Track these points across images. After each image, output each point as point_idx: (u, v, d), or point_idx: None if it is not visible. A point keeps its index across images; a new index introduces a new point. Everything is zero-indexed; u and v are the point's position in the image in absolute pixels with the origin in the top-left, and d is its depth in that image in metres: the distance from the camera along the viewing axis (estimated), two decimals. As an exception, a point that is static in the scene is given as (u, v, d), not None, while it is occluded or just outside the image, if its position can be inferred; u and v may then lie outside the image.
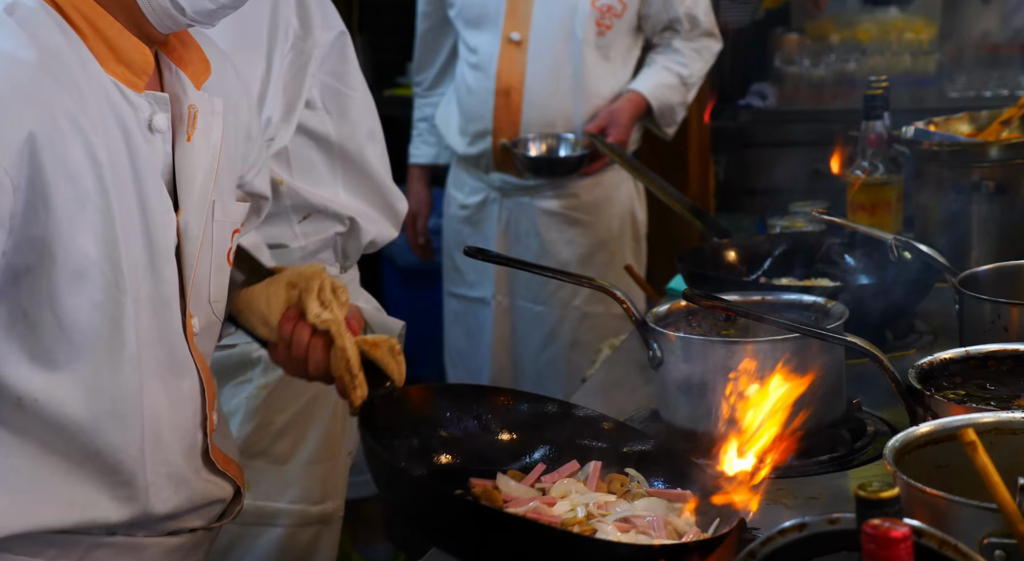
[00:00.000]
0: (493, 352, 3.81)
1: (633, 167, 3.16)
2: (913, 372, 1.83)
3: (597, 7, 3.57)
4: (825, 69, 4.60)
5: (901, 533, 1.08)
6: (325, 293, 1.89)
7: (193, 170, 1.80)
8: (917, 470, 1.48)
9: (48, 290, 1.64)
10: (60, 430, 1.69)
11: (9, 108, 1.57)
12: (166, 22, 1.71)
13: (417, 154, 4.03)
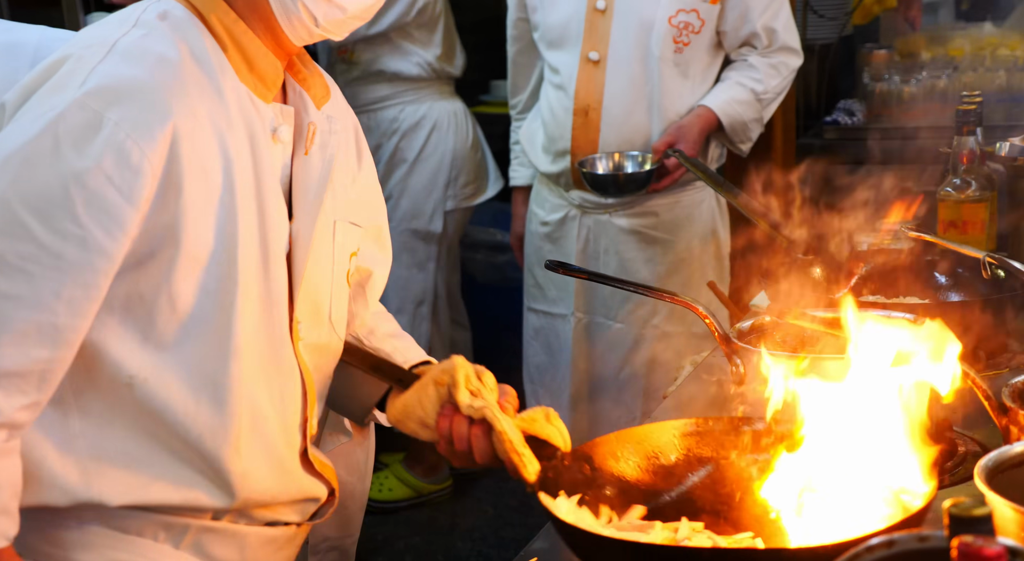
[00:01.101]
0: (573, 369, 3.80)
1: (716, 182, 3.14)
2: (1007, 390, 1.81)
3: (674, 24, 3.55)
4: (915, 85, 4.55)
5: (995, 551, 1.06)
6: (472, 382, 1.95)
7: (308, 182, 1.91)
8: (1011, 490, 1.45)
9: (167, 275, 1.73)
10: (164, 411, 1.77)
11: (156, 101, 1.69)
12: (301, 33, 1.82)
13: (516, 177, 4.06)
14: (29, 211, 1.64)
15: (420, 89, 4.69)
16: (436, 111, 4.72)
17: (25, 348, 1.65)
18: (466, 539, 4.61)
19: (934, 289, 2.57)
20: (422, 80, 4.68)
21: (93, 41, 1.74)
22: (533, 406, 3.83)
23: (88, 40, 1.76)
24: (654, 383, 3.65)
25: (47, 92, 1.70)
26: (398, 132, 4.70)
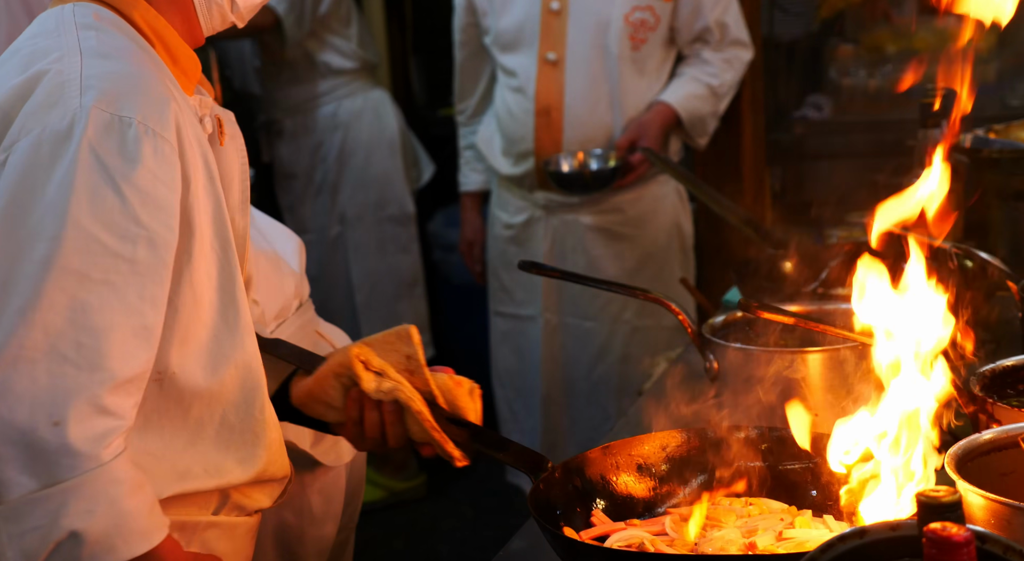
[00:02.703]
0: (543, 371, 3.81)
1: (685, 178, 3.17)
2: (975, 379, 1.82)
3: (630, 22, 3.58)
4: (881, 79, 4.58)
5: (964, 537, 1.08)
6: (374, 363, 1.91)
7: (231, 173, 1.91)
8: (980, 478, 1.47)
9: (188, 265, 1.75)
10: (191, 399, 1.79)
11: (154, 88, 1.72)
12: (215, 21, 1.83)
13: (467, 182, 4.08)
14: (97, 226, 1.65)
15: (352, 81, 4.70)
16: (372, 100, 4.74)
17: (132, 353, 1.68)
18: (446, 541, 4.62)
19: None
20: (352, 71, 4.68)
21: (55, 51, 1.74)
22: (504, 411, 3.88)
23: (48, 52, 1.75)
24: (628, 380, 3.67)
25: (38, 110, 1.69)
26: (340, 126, 4.71)
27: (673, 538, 1.66)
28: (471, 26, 3.86)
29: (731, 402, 2.01)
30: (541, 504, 1.67)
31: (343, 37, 4.64)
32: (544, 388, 3.83)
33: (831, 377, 1.95)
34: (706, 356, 2.07)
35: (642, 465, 1.81)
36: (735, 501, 1.76)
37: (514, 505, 4.72)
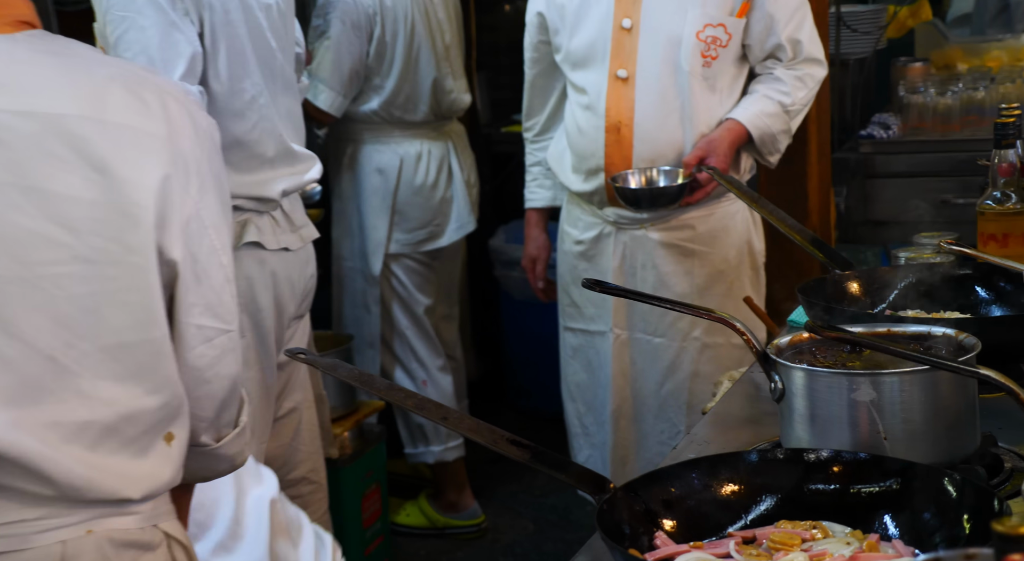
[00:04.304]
0: (613, 386, 3.79)
1: (749, 197, 3.12)
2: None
3: (702, 39, 3.55)
4: (952, 98, 4.53)
5: (1041, 570, 1.04)
6: None
7: None
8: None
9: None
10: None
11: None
12: None
13: (533, 198, 4.04)
14: None
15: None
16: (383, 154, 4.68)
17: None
18: (508, 554, 4.62)
19: (975, 303, 2.54)
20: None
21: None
22: (575, 425, 3.88)
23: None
24: (697, 396, 3.64)
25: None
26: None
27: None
28: (543, 44, 3.84)
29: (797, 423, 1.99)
30: (607, 525, 1.64)
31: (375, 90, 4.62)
32: (614, 403, 3.79)
33: (901, 401, 1.91)
34: (771, 377, 2.02)
35: (706, 486, 1.78)
36: (798, 524, 1.72)
37: (572, 519, 4.72)
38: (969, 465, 1.95)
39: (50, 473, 1.68)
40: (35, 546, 1.70)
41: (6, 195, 1.65)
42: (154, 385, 1.76)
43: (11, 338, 1.66)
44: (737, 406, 2.44)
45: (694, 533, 1.72)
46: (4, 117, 1.66)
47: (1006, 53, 4.75)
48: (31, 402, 1.67)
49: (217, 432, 1.92)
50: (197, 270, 1.78)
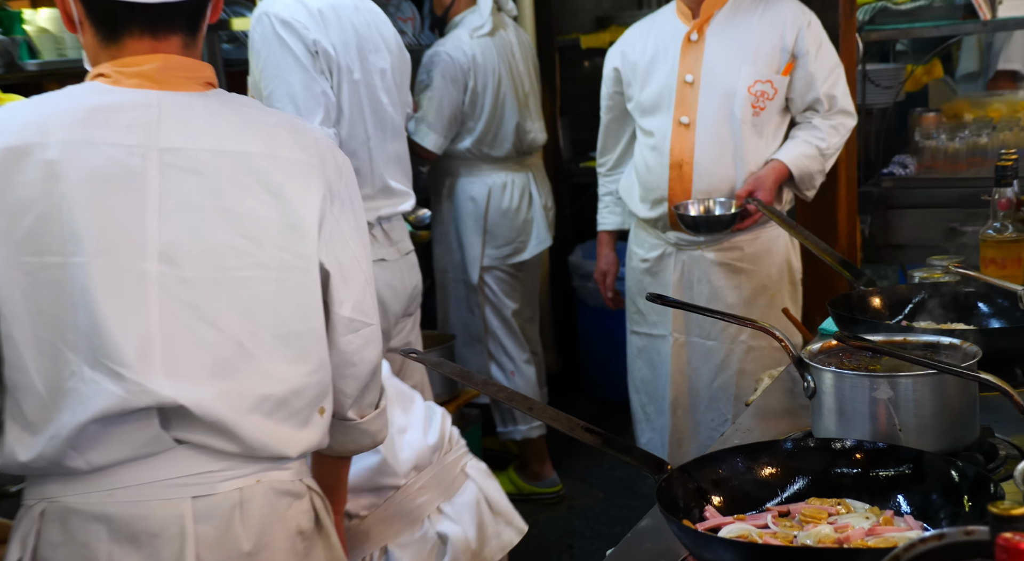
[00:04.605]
0: (672, 381, 3.79)
1: (788, 225, 3.12)
2: (1040, 405, 1.77)
3: (752, 92, 3.55)
4: (959, 142, 4.48)
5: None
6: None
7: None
8: (1044, 490, 1.43)
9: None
10: None
11: None
12: None
13: (605, 222, 4.05)
14: None
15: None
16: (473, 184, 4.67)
17: None
18: (581, 517, 4.62)
19: (978, 317, 2.52)
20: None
21: None
22: (639, 413, 3.89)
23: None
24: (743, 390, 3.63)
25: None
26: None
27: (775, 532, 1.63)
28: (617, 94, 3.85)
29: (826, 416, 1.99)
30: (665, 500, 1.65)
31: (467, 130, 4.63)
32: (672, 395, 3.79)
33: (914, 399, 1.90)
34: (804, 377, 2.03)
35: (748, 468, 1.78)
36: (826, 501, 1.72)
37: (636, 490, 4.72)
38: (970, 452, 1.95)
39: (239, 434, 1.76)
40: (220, 492, 1.77)
41: (205, 215, 1.74)
42: (314, 366, 1.84)
43: (211, 327, 1.74)
44: (776, 400, 2.44)
45: (738, 507, 1.73)
46: (204, 155, 1.75)
47: (1005, 106, 4.70)
48: (225, 378, 1.75)
49: (360, 410, 1.98)
50: (344, 273, 1.86)
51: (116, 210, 1.70)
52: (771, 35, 3.56)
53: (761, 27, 3.57)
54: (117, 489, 1.72)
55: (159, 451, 1.73)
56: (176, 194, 1.72)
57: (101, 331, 1.67)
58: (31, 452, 1.70)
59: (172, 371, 1.70)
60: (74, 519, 1.73)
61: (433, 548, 2.34)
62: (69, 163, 1.68)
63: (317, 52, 3.13)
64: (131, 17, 1.76)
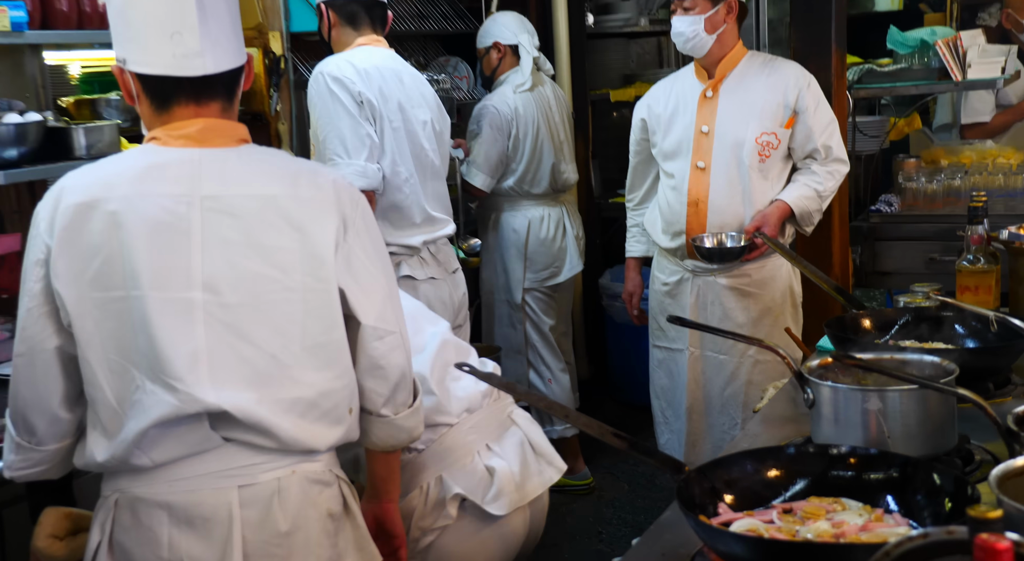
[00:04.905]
0: (688, 389, 3.76)
1: (790, 256, 3.10)
2: (1011, 417, 1.74)
3: (759, 142, 3.53)
4: (937, 185, 4.44)
5: (1005, 546, 1.03)
6: (59, 528, 1.97)
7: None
8: (1015, 492, 1.40)
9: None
10: None
11: None
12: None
13: (632, 250, 4.03)
14: None
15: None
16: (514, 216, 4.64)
17: None
18: (609, 506, 4.59)
19: (955, 338, 2.49)
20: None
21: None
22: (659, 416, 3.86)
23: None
24: (750, 398, 3.60)
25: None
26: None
27: (780, 527, 1.62)
28: (644, 140, 3.85)
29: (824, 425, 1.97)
30: (684, 497, 1.64)
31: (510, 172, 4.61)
32: (688, 401, 3.77)
33: (900, 410, 1.88)
34: (804, 389, 2.01)
35: (756, 471, 1.76)
36: (824, 500, 1.70)
37: (657, 483, 4.69)
38: (950, 457, 1.93)
39: (275, 433, 1.81)
40: (261, 481, 1.82)
41: (240, 250, 1.80)
42: (338, 372, 1.88)
43: (248, 343, 1.79)
44: (780, 408, 2.42)
45: (747, 505, 1.71)
46: (238, 199, 1.81)
47: (975, 153, 4.66)
48: (262, 386, 1.80)
49: (394, 408, 1.99)
50: (363, 288, 1.89)
51: (166, 249, 1.76)
52: (776, 94, 3.54)
53: (767, 87, 3.55)
54: (176, 481, 1.79)
55: (210, 448, 1.79)
56: (215, 233, 1.78)
57: (158, 351, 1.74)
58: (106, 454, 1.78)
59: (217, 382, 1.76)
60: (141, 507, 1.80)
61: (482, 479, 2.32)
62: (128, 213, 1.75)
63: (362, 102, 3.28)
64: (178, 89, 1.82)
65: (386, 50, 3.49)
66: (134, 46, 1.81)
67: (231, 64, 1.85)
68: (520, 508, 2.36)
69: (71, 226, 1.75)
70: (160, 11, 1.77)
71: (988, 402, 1.80)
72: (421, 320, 2.44)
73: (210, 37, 1.79)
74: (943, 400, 1.90)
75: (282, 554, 1.82)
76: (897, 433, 1.87)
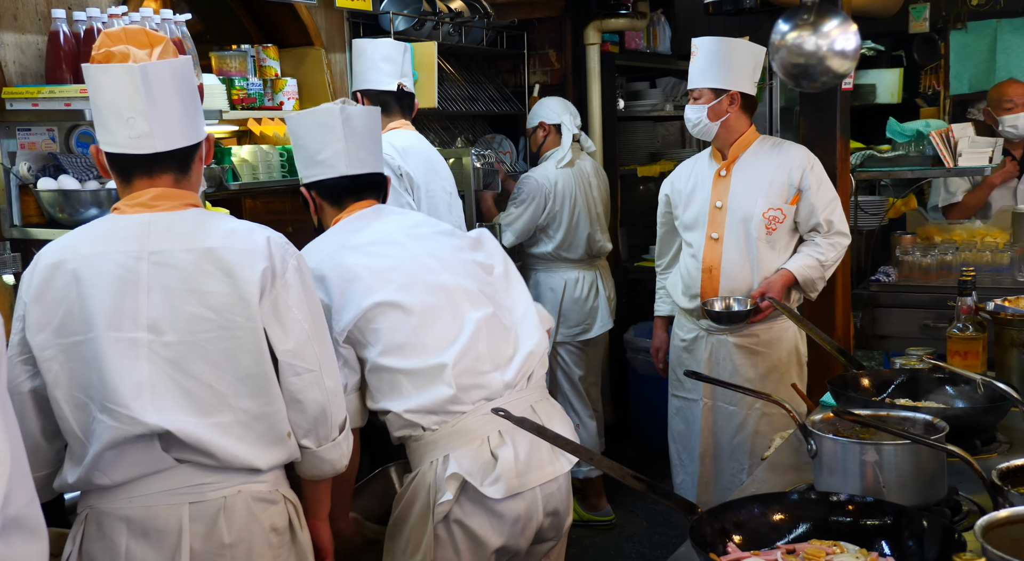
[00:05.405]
0: (702, 436, 3.74)
1: (796, 318, 3.07)
2: (996, 472, 1.72)
3: (766, 217, 3.54)
4: (931, 259, 4.41)
5: (989, 591, 1.01)
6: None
7: None
8: (999, 542, 1.38)
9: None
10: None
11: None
12: None
13: (659, 310, 4.02)
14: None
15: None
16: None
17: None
18: (629, 541, 4.53)
19: (945, 398, 2.45)
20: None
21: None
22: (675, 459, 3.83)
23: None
24: (757, 446, 3.56)
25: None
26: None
27: (784, 565, 1.60)
28: (668, 213, 3.87)
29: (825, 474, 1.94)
30: (696, 537, 1.62)
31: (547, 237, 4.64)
32: (701, 447, 3.73)
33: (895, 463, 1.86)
34: (807, 440, 1.99)
35: (762, 514, 1.74)
36: (825, 543, 1.67)
37: (673, 521, 4.63)
38: (939, 507, 1.90)
39: (215, 452, 1.89)
40: (209, 498, 1.90)
41: (180, 295, 1.90)
42: (268, 399, 1.94)
43: (187, 375, 1.88)
44: (785, 456, 2.39)
45: (754, 545, 1.69)
46: (179, 253, 1.91)
47: (966, 232, 4.63)
48: (203, 413, 1.88)
49: (316, 440, 2.02)
50: (285, 329, 1.94)
51: (118, 296, 1.87)
52: (782, 173, 3.55)
53: (774, 167, 3.56)
54: (135, 497, 1.88)
55: (164, 468, 1.88)
56: (160, 282, 1.89)
57: (107, 383, 1.84)
58: (73, 476, 1.89)
59: (159, 408, 1.85)
60: (105, 520, 1.89)
61: (486, 463, 2.24)
62: (86, 270, 1.88)
63: (402, 175, 3.42)
64: (135, 164, 1.94)
65: (414, 132, 3.66)
66: (101, 129, 1.94)
67: (182, 143, 1.95)
68: (523, 494, 2.28)
69: (41, 284, 1.89)
70: (117, 100, 1.89)
71: (975, 458, 1.77)
72: (463, 302, 2.36)
73: (159, 121, 1.90)
74: (934, 455, 1.87)
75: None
76: (892, 483, 1.85)
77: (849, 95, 4.14)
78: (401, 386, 2.24)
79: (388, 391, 2.25)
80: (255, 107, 3.48)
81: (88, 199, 2.81)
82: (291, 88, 3.62)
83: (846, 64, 3.62)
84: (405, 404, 2.24)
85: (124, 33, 1.93)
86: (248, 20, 4.03)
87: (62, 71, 2.82)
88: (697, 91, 3.58)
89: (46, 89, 2.74)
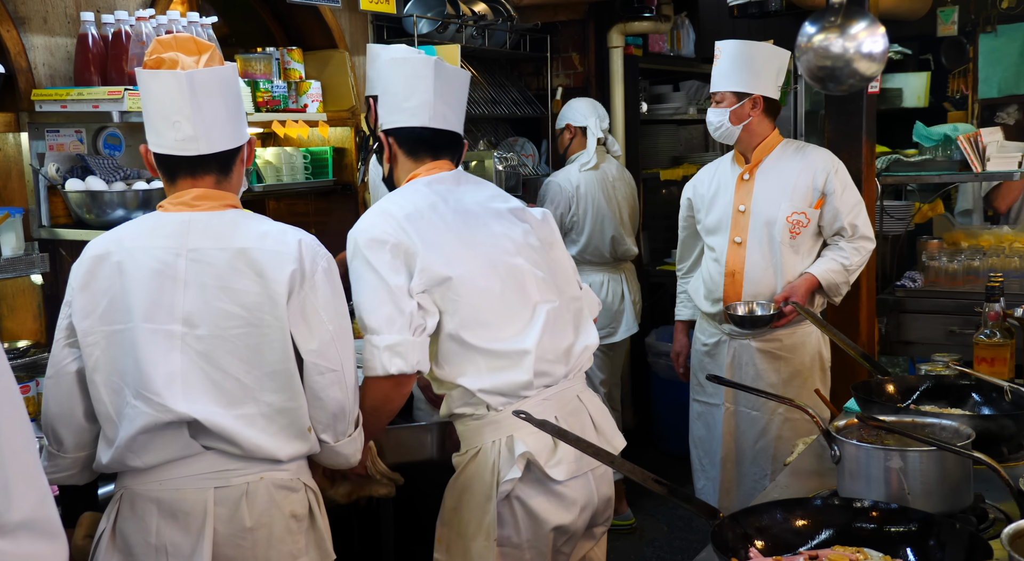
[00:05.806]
0: (723, 441, 3.72)
1: (820, 323, 3.06)
2: (1023, 480, 1.70)
3: (790, 221, 3.52)
4: (957, 264, 4.38)
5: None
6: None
7: None
8: None
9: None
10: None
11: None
12: None
13: (680, 314, 4.01)
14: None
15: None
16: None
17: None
18: (649, 545, 4.52)
19: (971, 404, 2.43)
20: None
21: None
22: (696, 464, 3.81)
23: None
24: (779, 451, 3.54)
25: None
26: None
27: (807, 571, 1.59)
28: (690, 217, 3.86)
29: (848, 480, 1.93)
30: (718, 542, 1.62)
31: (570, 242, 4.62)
32: (723, 452, 3.71)
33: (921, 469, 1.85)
34: (831, 446, 1.98)
35: (785, 519, 1.73)
36: (848, 549, 1.66)
37: (694, 526, 4.61)
38: (965, 515, 1.88)
39: (240, 442, 1.97)
40: (233, 484, 1.99)
41: (213, 292, 1.98)
42: (291, 395, 2.01)
43: (216, 368, 1.96)
44: (808, 462, 2.38)
45: (776, 551, 1.68)
46: (215, 251, 1.99)
47: (993, 237, 4.59)
48: (229, 404, 1.97)
49: (334, 435, 2.09)
50: (310, 330, 2.01)
51: (156, 290, 1.97)
52: (806, 177, 3.53)
53: (798, 171, 3.54)
54: (164, 480, 1.98)
55: (192, 454, 1.97)
56: (196, 278, 1.97)
57: (142, 371, 1.94)
58: (107, 457, 1.99)
59: (189, 397, 1.94)
60: (137, 501, 1.99)
61: (548, 445, 2.30)
62: (129, 263, 1.98)
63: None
64: (179, 165, 2.04)
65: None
66: (150, 130, 2.03)
67: (225, 146, 2.03)
68: (581, 477, 2.36)
69: (87, 274, 2.00)
70: (165, 104, 1.99)
71: (1001, 465, 1.76)
72: (533, 289, 2.39)
73: (204, 125, 1.99)
74: (960, 462, 1.86)
75: (247, 545, 1.98)
76: (917, 490, 1.83)
77: (875, 99, 4.12)
78: (477, 363, 2.28)
79: (460, 365, 2.28)
80: (279, 109, 3.50)
81: (115, 200, 2.84)
82: (315, 90, 3.63)
83: (873, 66, 3.60)
84: (479, 382, 2.27)
85: (175, 40, 2.03)
86: (273, 23, 4.05)
87: (90, 73, 2.85)
88: (719, 94, 3.57)
89: (74, 91, 2.77)
